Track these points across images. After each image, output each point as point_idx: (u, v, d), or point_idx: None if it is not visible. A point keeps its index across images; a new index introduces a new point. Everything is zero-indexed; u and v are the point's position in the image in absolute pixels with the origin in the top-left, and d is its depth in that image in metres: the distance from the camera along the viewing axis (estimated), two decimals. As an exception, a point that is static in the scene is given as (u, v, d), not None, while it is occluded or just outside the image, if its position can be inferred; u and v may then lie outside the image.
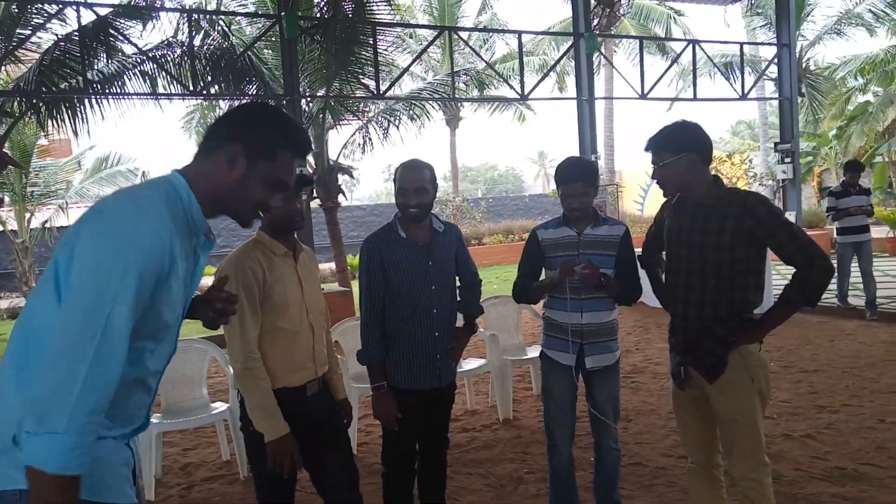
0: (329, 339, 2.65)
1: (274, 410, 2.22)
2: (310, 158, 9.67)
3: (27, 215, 13.47)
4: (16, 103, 8.55)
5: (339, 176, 10.37)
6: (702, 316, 2.43)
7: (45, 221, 14.15)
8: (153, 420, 3.96)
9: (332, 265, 12.05)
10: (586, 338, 2.89)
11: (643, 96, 10.95)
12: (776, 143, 12.31)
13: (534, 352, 3.52)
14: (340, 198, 10.45)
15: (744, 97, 12.38)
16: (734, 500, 2.52)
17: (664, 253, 2.69)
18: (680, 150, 2.40)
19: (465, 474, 3.96)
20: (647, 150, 2.50)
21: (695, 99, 12.18)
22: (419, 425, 2.75)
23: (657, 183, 2.51)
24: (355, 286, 3.72)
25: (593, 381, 2.97)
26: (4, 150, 8.65)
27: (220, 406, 4.18)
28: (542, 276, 3.04)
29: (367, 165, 58.17)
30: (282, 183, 1.50)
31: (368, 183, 65.19)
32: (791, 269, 2.33)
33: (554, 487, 3.03)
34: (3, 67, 8.70)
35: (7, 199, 12.66)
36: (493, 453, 4.30)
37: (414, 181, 2.61)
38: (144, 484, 3.89)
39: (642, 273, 2.91)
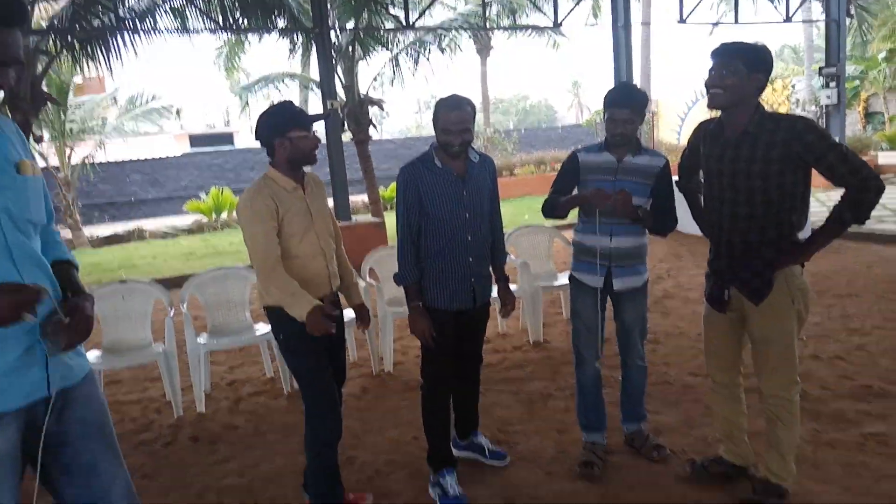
0: (342, 254, 2.82)
1: (301, 292, 2.42)
2: (339, 91, 9.66)
3: (67, 151, 13.81)
4: (51, 42, 8.66)
5: (370, 109, 10.34)
6: (748, 241, 2.45)
7: (86, 157, 14.49)
8: (201, 340, 4.20)
9: (365, 197, 12.19)
10: (614, 261, 2.94)
11: (682, 21, 10.54)
12: (820, 68, 11.80)
13: (564, 279, 3.59)
14: (371, 131, 10.46)
15: (788, 20, 11.82)
16: (761, 415, 2.62)
17: (702, 177, 2.70)
18: (754, 67, 2.36)
19: (497, 391, 4.13)
20: (716, 53, 2.42)
21: (736, 23, 11.67)
22: (454, 344, 2.88)
23: (710, 91, 2.43)
24: (388, 217, 3.83)
25: (621, 303, 3.05)
26: (42, 87, 8.83)
27: (262, 328, 4.39)
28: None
29: (397, 98, 57.32)
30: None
31: (399, 116, 64.61)
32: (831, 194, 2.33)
33: (581, 401, 3.16)
34: (37, 5, 8.76)
35: (46, 135, 12.97)
36: (524, 373, 4.46)
37: (458, 122, 2.64)
38: (195, 397, 4.16)
39: (678, 202, 2.92)
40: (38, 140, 12.01)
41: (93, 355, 3.96)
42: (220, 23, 8.59)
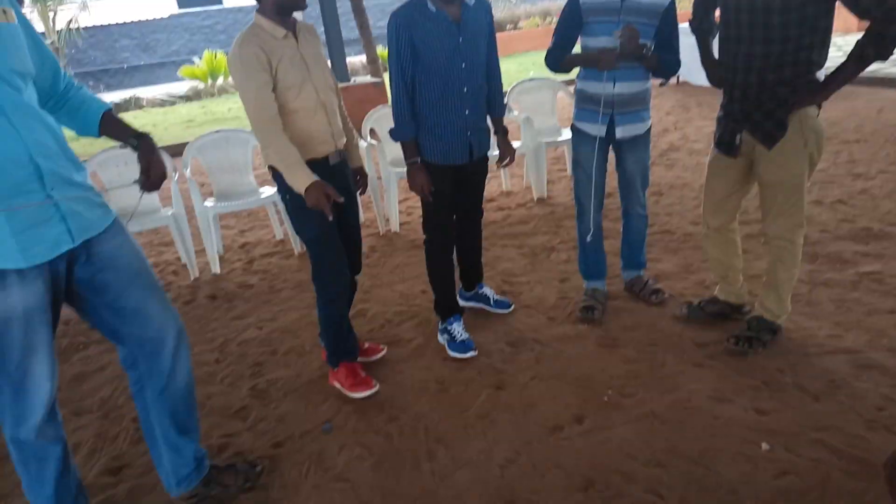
0: (343, 113, 2.71)
1: (299, 163, 2.34)
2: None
3: (51, 14, 13.18)
4: None
5: (363, -43, 9.66)
6: (764, 81, 2.36)
7: (70, 21, 13.85)
8: (208, 204, 4.24)
9: (363, 58, 11.74)
10: (618, 108, 2.88)
11: None
12: None
13: (569, 134, 3.50)
14: (366, -18, 9.84)
15: None
16: (758, 258, 2.67)
17: (717, 17, 2.56)
18: None
19: (501, 246, 4.22)
20: None
21: None
22: (455, 197, 2.89)
23: None
24: (387, 77, 3.69)
25: (623, 150, 3.02)
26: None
27: (268, 190, 4.41)
28: (577, 49, 2.96)
29: (392, -52, 53.12)
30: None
31: (395, -32, 60.24)
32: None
33: (582, 251, 3.23)
34: None
35: (27, -2, 12.36)
36: (527, 228, 4.53)
37: None
38: (209, 258, 4.29)
39: (683, 47, 2.80)
40: (20, 2, 11.43)
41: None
42: None
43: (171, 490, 2.10)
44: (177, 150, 4.76)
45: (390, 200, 4.69)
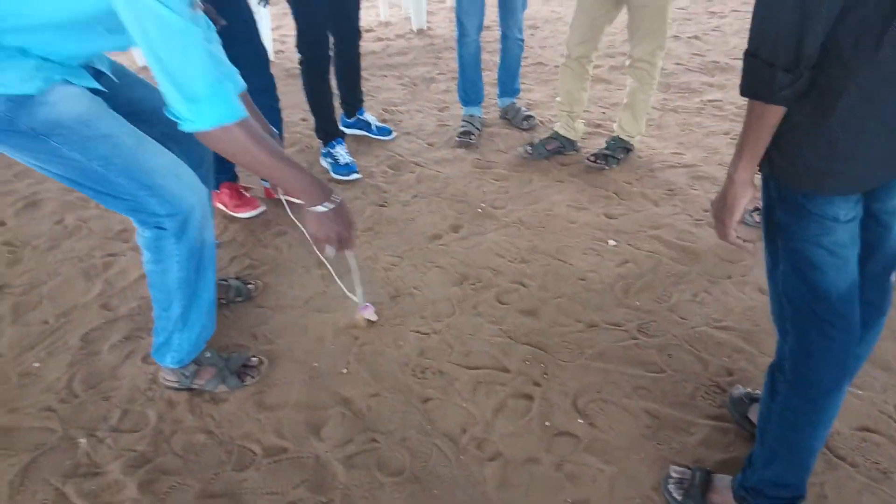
0: None
1: None
2: None
3: None
4: None
5: None
6: None
7: None
8: None
9: None
10: None
11: None
12: None
13: None
14: None
15: None
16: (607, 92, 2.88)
17: None
18: None
19: (381, 76, 4.21)
20: None
21: None
22: (330, 15, 2.83)
23: None
24: None
25: None
26: None
27: None
28: None
29: None
30: None
31: None
32: None
33: (462, 76, 3.32)
34: None
35: None
36: (407, 59, 4.52)
37: None
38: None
39: None
40: None
41: None
42: None
43: None
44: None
45: (263, 28, 4.46)
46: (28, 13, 1.30)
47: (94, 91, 1.50)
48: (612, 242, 2.43)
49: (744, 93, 1.01)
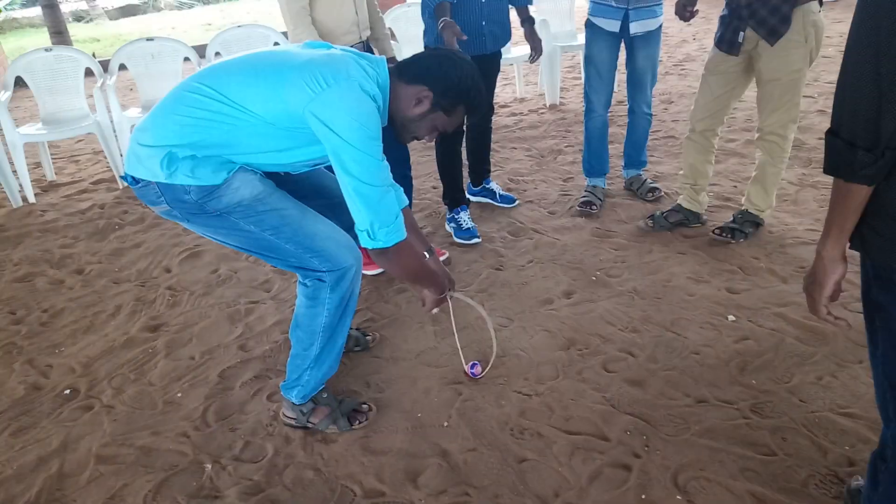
0: (373, 5, 2.84)
1: None
2: None
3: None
4: None
5: None
6: None
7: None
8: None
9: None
10: (633, 3, 2.97)
11: None
12: None
13: (584, 40, 3.56)
14: None
15: None
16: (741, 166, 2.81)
17: None
18: None
19: (510, 148, 4.39)
20: None
21: None
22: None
23: None
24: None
25: (635, 46, 3.12)
26: None
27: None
28: None
29: None
30: (445, 131, 1.77)
31: None
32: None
33: (587, 148, 3.40)
34: None
35: None
36: (538, 132, 4.67)
37: None
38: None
39: None
40: None
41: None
42: None
43: None
44: (199, 53, 4.87)
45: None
46: (245, 150, 1.66)
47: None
48: (731, 318, 2.34)
49: (827, 171, 1.02)
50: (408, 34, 4.94)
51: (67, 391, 2.32)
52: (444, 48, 1.88)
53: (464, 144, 3.23)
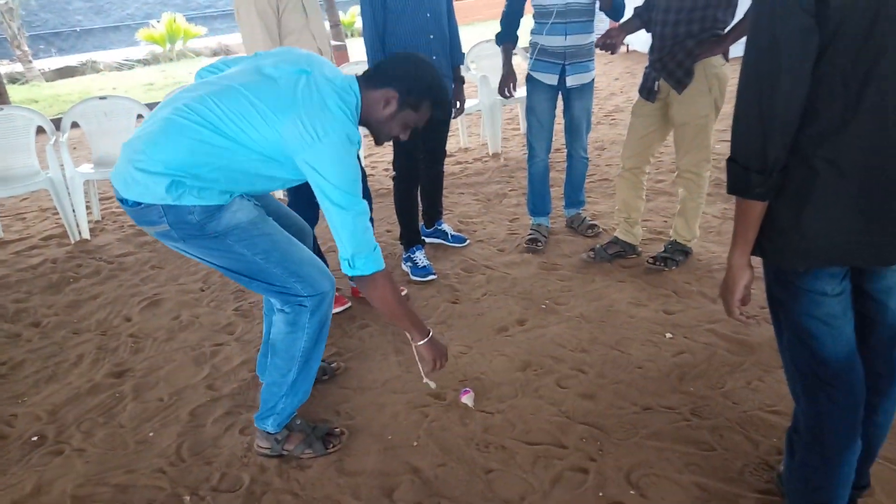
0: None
1: None
2: None
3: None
4: None
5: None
6: (676, 34, 2.78)
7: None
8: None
9: (326, 22, 11.89)
10: (568, 59, 3.28)
11: None
12: None
13: (522, 93, 3.87)
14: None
15: None
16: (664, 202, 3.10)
17: None
18: None
19: (458, 193, 4.63)
20: None
21: None
22: (421, 140, 3.27)
23: None
24: (349, 42, 3.97)
25: (571, 98, 3.42)
26: None
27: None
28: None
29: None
30: (416, 127, 1.95)
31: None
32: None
33: (531, 191, 3.65)
34: None
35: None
36: (483, 178, 4.94)
37: None
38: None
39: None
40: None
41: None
42: None
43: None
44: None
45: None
46: (241, 176, 1.81)
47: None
48: (669, 335, 2.57)
49: (729, 191, 1.25)
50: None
51: (35, 437, 2.33)
52: (404, 52, 2.07)
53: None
